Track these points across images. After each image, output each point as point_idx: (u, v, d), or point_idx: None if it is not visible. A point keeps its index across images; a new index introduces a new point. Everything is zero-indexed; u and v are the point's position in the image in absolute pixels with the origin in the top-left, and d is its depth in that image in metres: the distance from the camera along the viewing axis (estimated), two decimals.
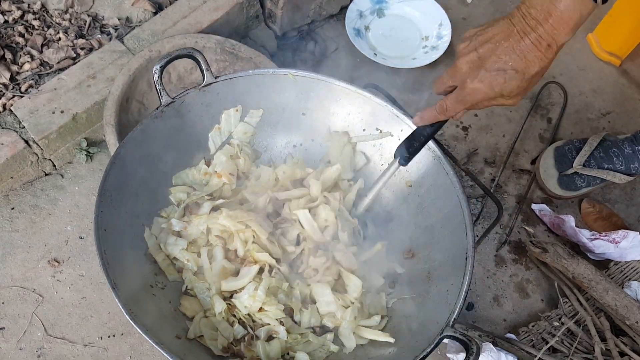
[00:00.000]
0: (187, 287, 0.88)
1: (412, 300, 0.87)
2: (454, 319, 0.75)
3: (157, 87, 0.86)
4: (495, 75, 0.68)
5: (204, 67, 0.89)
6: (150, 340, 0.69)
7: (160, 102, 0.88)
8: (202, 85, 0.90)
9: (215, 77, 0.91)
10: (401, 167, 0.93)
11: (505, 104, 0.73)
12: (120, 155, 0.83)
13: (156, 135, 0.88)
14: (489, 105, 0.74)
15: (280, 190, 0.95)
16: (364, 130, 0.99)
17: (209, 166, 0.97)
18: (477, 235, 0.84)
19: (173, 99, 0.88)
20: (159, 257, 0.87)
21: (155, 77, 0.85)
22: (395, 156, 0.85)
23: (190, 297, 0.87)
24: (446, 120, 0.80)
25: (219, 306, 0.84)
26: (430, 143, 0.91)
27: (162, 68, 0.85)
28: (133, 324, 0.70)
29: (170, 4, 1.26)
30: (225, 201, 0.93)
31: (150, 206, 0.90)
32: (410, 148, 0.83)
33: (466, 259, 0.80)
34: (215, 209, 0.92)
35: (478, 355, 0.68)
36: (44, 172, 1.16)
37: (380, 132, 0.98)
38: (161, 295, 0.83)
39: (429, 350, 0.73)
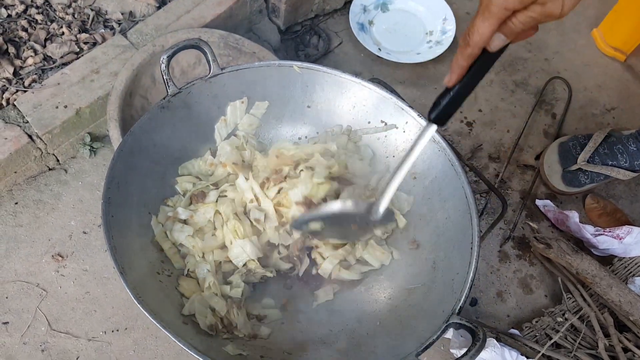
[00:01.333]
0: (188, 269, 0.88)
1: (418, 290, 0.87)
2: (460, 307, 0.75)
3: (165, 77, 0.86)
4: None
5: (210, 58, 0.89)
6: (157, 324, 0.69)
7: (167, 92, 0.88)
8: (209, 76, 0.90)
9: (222, 69, 0.91)
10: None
11: (543, 14, 0.54)
12: (128, 144, 0.83)
13: (163, 125, 0.88)
14: (524, 21, 0.55)
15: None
16: (368, 122, 0.99)
17: (214, 157, 0.97)
18: (481, 231, 0.84)
19: (180, 89, 0.88)
20: (165, 245, 0.88)
21: (163, 66, 0.85)
22: (432, 118, 0.67)
23: (189, 278, 0.88)
24: (490, 64, 0.62)
25: (210, 278, 0.85)
26: (436, 135, 0.91)
27: (170, 58, 0.85)
28: (140, 307, 0.70)
29: None
30: (231, 185, 0.94)
31: (157, 195, 0.91)
32: (452, 105, 0.66)
33: (471, 248, 0.80)
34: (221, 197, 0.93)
35: (484, 342, 0.68)
36: (48, 167, 1.16)
37: (385, 124, 0.98)
38: (168, 282, 0.84)
39: (434, 337, 0.73)
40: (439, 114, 0.66)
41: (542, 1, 0.54)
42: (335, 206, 0.82)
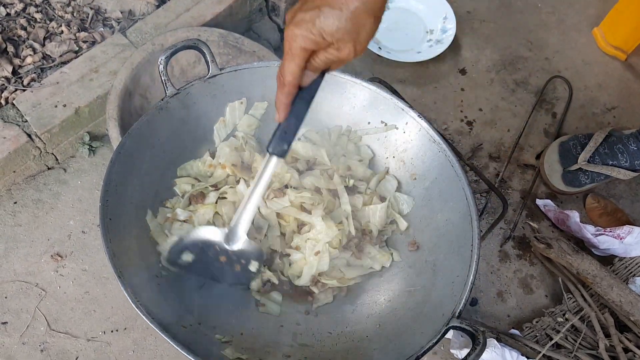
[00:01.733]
0: None
1: (418, 292, 0.87)
2: (460, 310, 0.75)
3: (163, 79, 0.85)
4: (311, 15, 0.61)
5: (209, 59, 0.88)
6: (156, 329, 0.69)
7: (166, 93, 0.87)
8: (207, 77, 0.90)
9: (220, 69, 0.90)
10: (406, 160, 0.92)
11: (338, 57, 0.63)
12: (126, 145, 0.83)
13: (161, 126, 0.88)
14: (324, 60, 0.64)
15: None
16: (368, 123, 0.99)
17: (213, 158, 0.96)
18: (481, 231, 0.84)
19: (178, 90, 0.88)
20: (160, 239, 0.87)
21: (161, 67, 0.84)
22: (269, 150, 0.73)
23: None
24: (311, 95, 0.70)
25: None
26: (435, 136, 0.91)
27: (168, 59, 0.84)
28: (139, 312, 0.69)
29: None
30: (231, 187, 0.93)
31: (155, 197, 0.90)
32: (289, 138, 0.72)
33: (472, 250, 0.80)
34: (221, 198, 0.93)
35: (484, 345, 0.68)
36: (47, 166, 1.16)
37: (385, 125, 0.97)
38: (166, 285, 0.83)
39: (434, 341, 0.73)
40: (275, 146, 0.72)
41: (336, 47, 0.62)
42: (197, 232, 0.86)
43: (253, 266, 0.87)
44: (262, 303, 0.90)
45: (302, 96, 0.70)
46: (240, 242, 0.85)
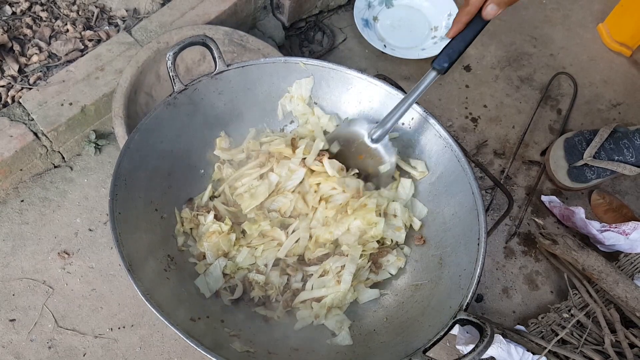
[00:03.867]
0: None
1: (425, 286, 0.87)
2: (468, 303, 0.75)
3: (171, 74, 0.86)
4: None
5: (216, 55, 0.89)
6: (165, 321, 0.69)
7: (174, 89, 0.87)
8: (215, 73, 0.90)
9: (228, 65, 0.90)
10: (412, 156, 0.92)
11: None
12: (135, 140, 0.83)
13: (169, 121, 0.88)
14: None
15: None
16: (376, 122, 0.99)
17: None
18: (487, 227, 0.84)
19: (186, 86, 0.88)
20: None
21: (169, 63, 0.85)
22: (434, 66, 0.82)
23: None
24: (485, 23, 0.78)
25: None
26: (442, 131, 0.91)
27: (176, 55, 0.85)
28: (148, 305, 0.70)
29: None
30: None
31: (163, 192, 0.90)
32: (451, 55, 0.81)
33: (478, 244, 0.80)
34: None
35: (492, 338, 0.68)
36: (53, 164, 1.16)
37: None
38: (175, 278, 0.84)
39: (442, 334, 0.73)
40: (439, 61, 0.82)
41: None
42: (350, 123, 0.97)
43: (384, 168, 0.95)
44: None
45: (474, 25, 0.78)
46: (382, 142, 0.93)
